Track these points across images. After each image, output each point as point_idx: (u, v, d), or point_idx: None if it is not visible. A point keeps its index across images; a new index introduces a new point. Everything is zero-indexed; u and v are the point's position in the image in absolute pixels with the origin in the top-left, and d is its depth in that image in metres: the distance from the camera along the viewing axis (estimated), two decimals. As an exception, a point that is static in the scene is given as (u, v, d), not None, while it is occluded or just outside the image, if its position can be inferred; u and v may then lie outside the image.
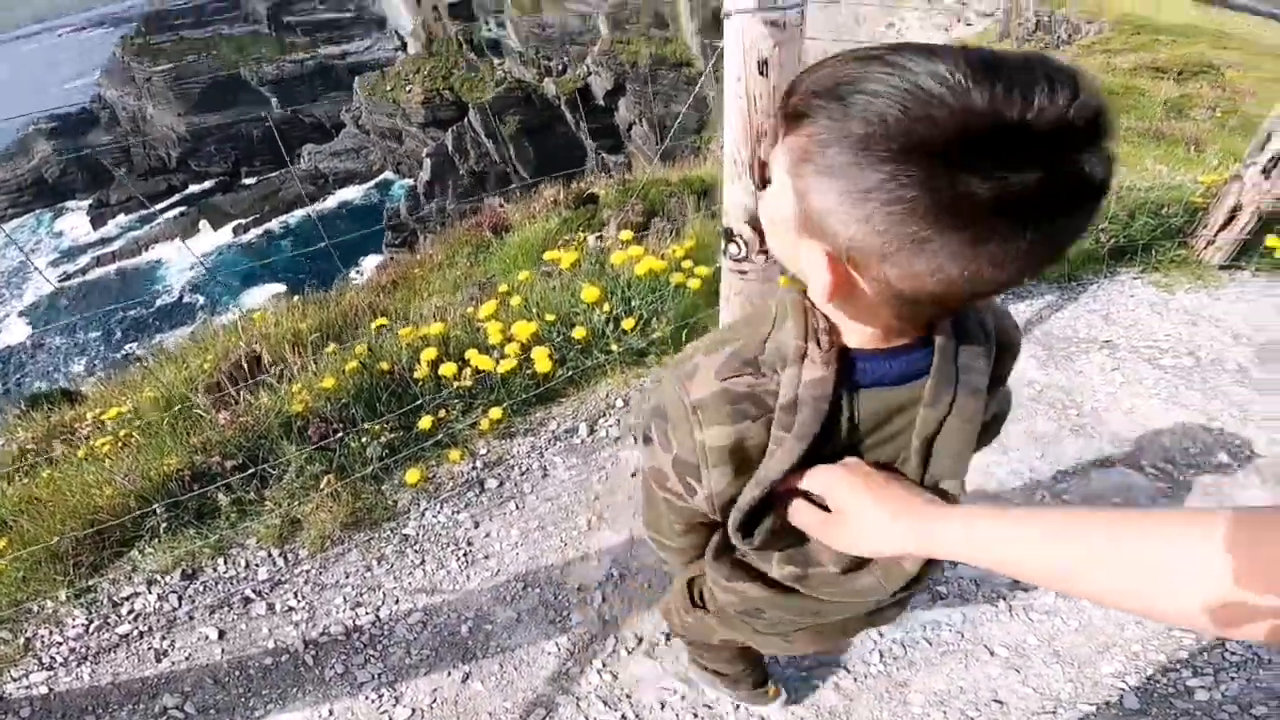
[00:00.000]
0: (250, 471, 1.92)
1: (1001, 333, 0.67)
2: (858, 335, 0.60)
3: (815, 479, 0.63)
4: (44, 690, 1.65)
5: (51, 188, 45.27)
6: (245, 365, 2.39)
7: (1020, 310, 2.63)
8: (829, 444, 0.61)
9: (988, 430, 0.74)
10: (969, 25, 19.56)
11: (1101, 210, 0.48)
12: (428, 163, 36.76)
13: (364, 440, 1.95)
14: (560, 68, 39.02)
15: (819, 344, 0.59)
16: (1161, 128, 6.79)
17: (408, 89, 41.69)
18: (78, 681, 1.66)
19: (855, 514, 0.61)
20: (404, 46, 48.46)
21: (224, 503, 1.89)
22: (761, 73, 1.58)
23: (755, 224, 1.80)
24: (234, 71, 47.71)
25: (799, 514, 0.65)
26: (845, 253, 0.50)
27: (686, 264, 2.25)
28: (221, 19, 51.35)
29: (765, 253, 1.84)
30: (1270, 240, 2.96)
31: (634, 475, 1.92)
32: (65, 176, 45.20)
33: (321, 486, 1.87)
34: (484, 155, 36.64)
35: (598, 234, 3.13)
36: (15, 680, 1.67)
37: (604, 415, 2.07)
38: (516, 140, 36.14)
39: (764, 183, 0.57)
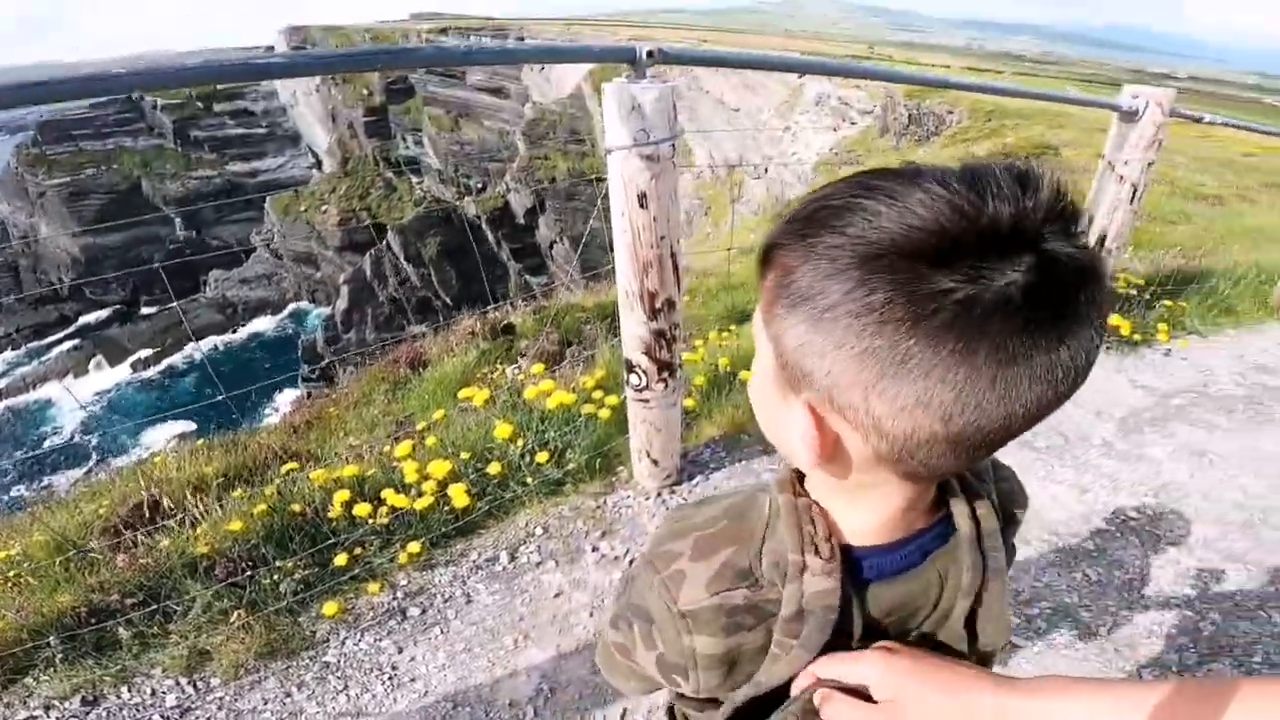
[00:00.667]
0: (152, 608, 1.86)
1: (1008, 498, 0.64)
2: (860, 521, 0.54)
3: (852, 668, 0.54)
4: None
5: None
6: (145, 510, 2.33)
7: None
8: (839, 646, 0.55)
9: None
10: (853, 124, 21.83)
11: (1105, 317, 0.43)
12: (345, 290, 35.96)
13: (276, 578, 1.92)
14: (480, 185, 39.43)
15: (818, 553, 0.53)
16: None
17: (323, 209, 40.99)
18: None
19: (913, 703, 0.52)
20: (319, 164, 47.93)
21: (124, 636, 1.80)
22: (642, 205, 1.68)
23: (651, 354, 1.91)
24: (135, 187, 45.62)
25: (839, 711, 0.54)
26: (827, 393, 0.44)
27: (597, 394, 2.39)
28: (124, 131, 48.66)
29: (664, 382, 2.00)
30: (1114, 319, 3.37)
31: (557, 596, 1.97)
32: None
33: (231, 620, 1.82)
34: (404, 280, 36.17)
35: (516, 364, 3.29)
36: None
37: (524, 543, 2.12)
38: (438, 263, 35.79)
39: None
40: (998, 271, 0.39)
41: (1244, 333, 3.86)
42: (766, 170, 23.26)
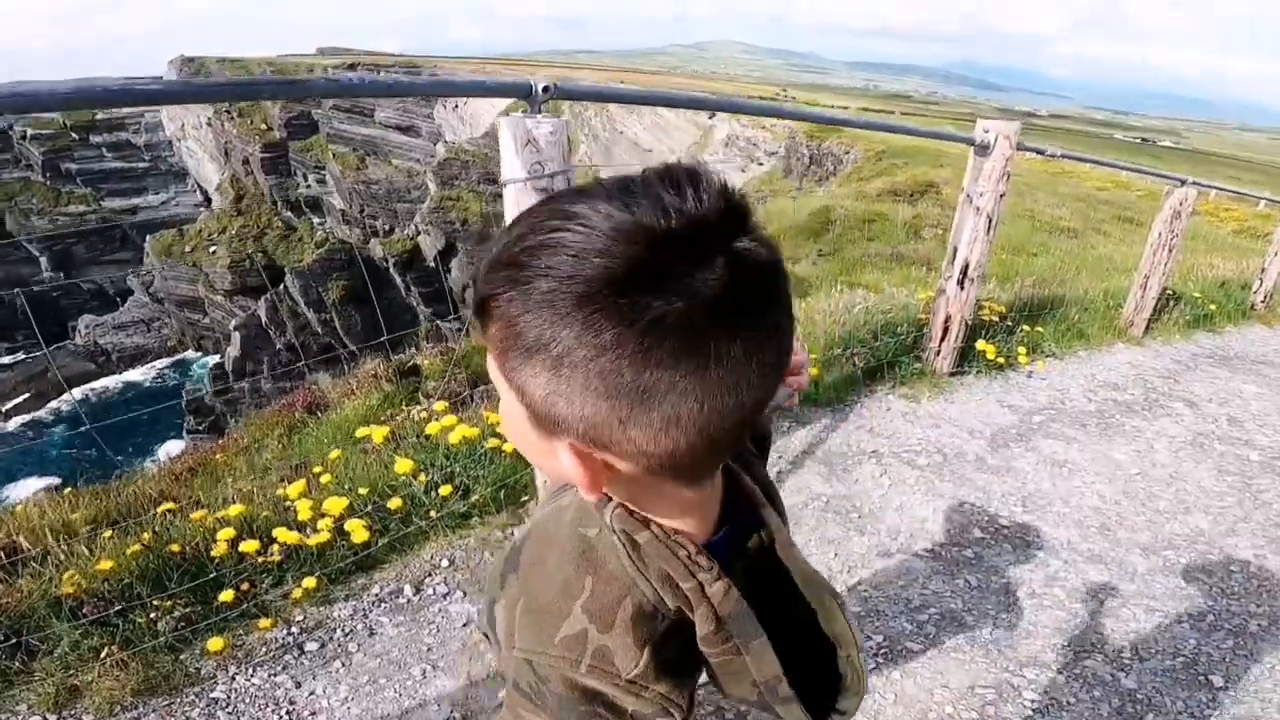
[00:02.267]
0: (13, 643, 1.70)
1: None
2: (684, 521, 0.55)
3: None
4: None
5: None
6: (0, 553, 2.12)
7: (802, 435, 3.01)
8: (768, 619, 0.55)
9: None
10: (760, 165, 22.91)
11: (790, 295, 0.47)
12: (236, 337, 33.77)
13: (152, 615, 1.81)
14: (388, 227, 37.96)
15: (700, 567, 0.53)
16: (902, 250, 7.92)
17: (212, 250, 38.50)
18: None
19: None
20: (208, 202, 45.02)
21: None
22: None
23: None
24: None
25: None
26: (586, 434, 0.45)
27: (502, 429, 2.41)
28: None
29: None
30: (981, 345, 3.70)
31: (465, 625, 1.94)
32: None
33: (103, 657, 1.69)
34: (304, 326, 34.33)
35: (421, 405, 3.23)
36: None
37: (429, 575, 2.08)
38: (341, 308, 34.35)
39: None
40: (700, 281, 0.40)
41: (1095, 354, 4.34)
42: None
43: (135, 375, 38.40)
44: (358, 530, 2.04)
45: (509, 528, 2.26)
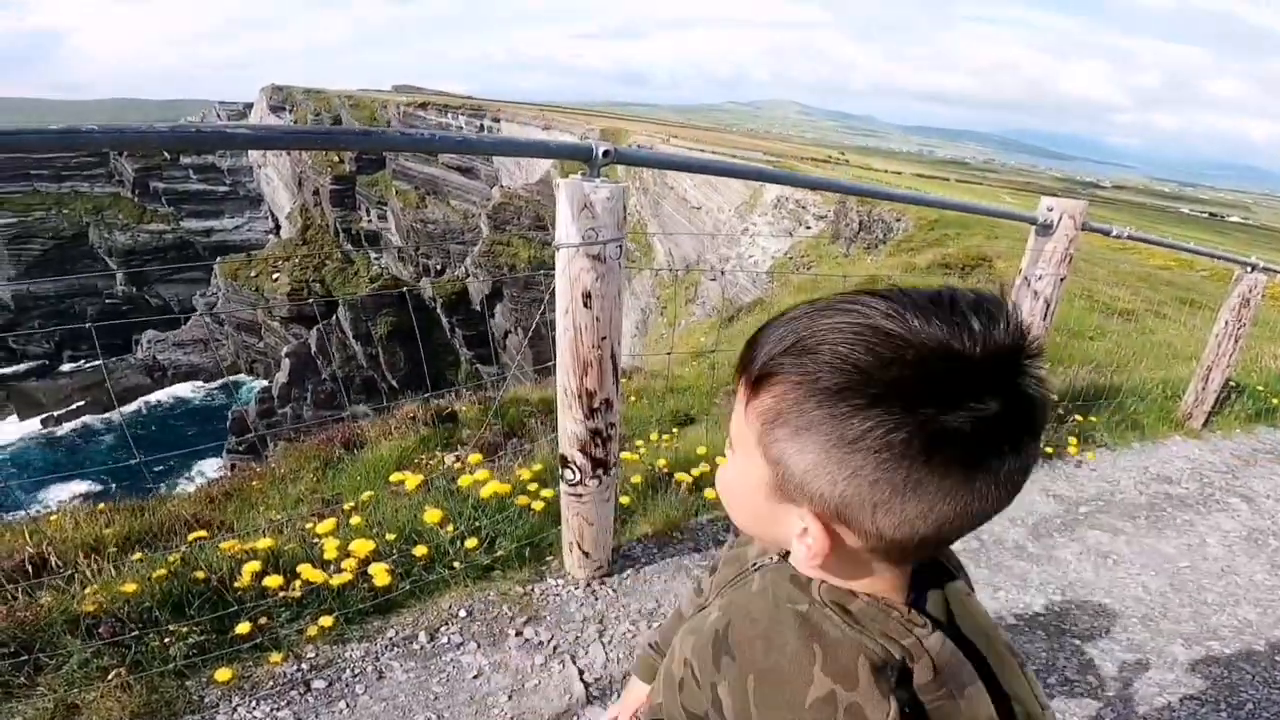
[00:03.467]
0: (22, 659, 1.71)
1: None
2: (887, 588, 0.58)
3: None
4: None
5: None
6: (29, 566, 2.17)
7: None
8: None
9: None
10: (808, 228, 22.78)
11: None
12: (286, 363, 34.54)
13: (166, 640, 1.80)
14: (439, 266, 38.51)
15: (918, 625, 0.56)
16: None
17: (274, 277, 39.78)
18: None
19: None
20: (277, 229, 46.65)
21: None
22: (586, 305, 1.69)
23: (586, 451, 1.92)
24: (81, 234, 43.45)
25: None
26: (835, 510, 0.50)
27: (533, 486, 2.39)
28: (82, 175, 47.03)
29: (598, 478, 2.02)
30: None
31: (475, 678, 1.90)
32: None
33: (109, 678, 1.69)
34: (350, 358, 34.97)
35: (455, 452, 3.25)
36: None
37: (446, 624, 2.05)
38: (388, 343, 34.71)
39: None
40: (988, 406, 0.46)
41: (1149, 445, 4.14)
42: (723, 272, 24.12)
43: (186, 391, 39.64)
44: (380, 574, 2.04)
45: (530, 584, 2.23)
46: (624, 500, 2.58)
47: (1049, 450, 3.64)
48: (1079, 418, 4.01)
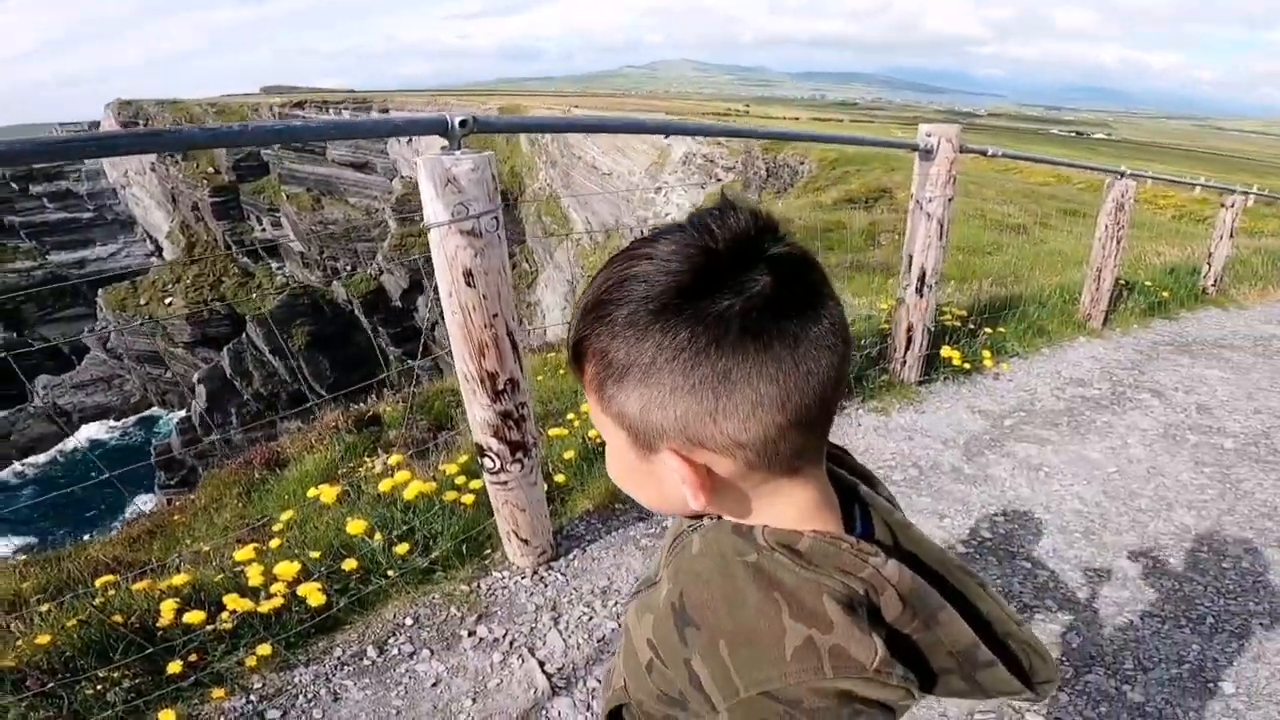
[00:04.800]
0: None
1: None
2: (826, 520, 0.57)
3: None
4: None
5: None
6: None
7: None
8: None
9: None
10: (719, 180, 22.98)
11: (830, 282, 0.54)
12: (201, 390, 32.74)
13: (101, 687, 1.70)
14: (349, 267, 37.14)
15: (871, 554, 0.55)
16: (860, 258, 7.70)
17: (167, 302, 37.46)
18: None
19: None
20: (159, 251, 43.76)
21: None
22: (469, 283, 1.61)
23: (501, 436, 1.84)
24: None
25: None
26: (684, 435, 0.51)
27: (460, 480, 2.31)
28: None
29: (520, 462, 1.90)
30: (945, 351, 3.68)
31: (435, 685, 1.84)
32: None
33: None
34: (271, 375, 33.39)
35: (384, 457, 3.12)
36: None
37: (393, 635, 1.97)
38: (308, 353, 33.62)
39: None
40: (749, 280, 0.49)
41: (1057, 349, 4.38)
42: (643, 232, 23.99)
43: (99, 433, 37.14)
44: (313, 593, 1.94)
45: (475, 580, 2.16)
46: (559, 479, 2.52)
47: (967, 366, 3.78)
48: (989, 330, 4.19)
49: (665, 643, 0.60)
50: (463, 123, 1.49)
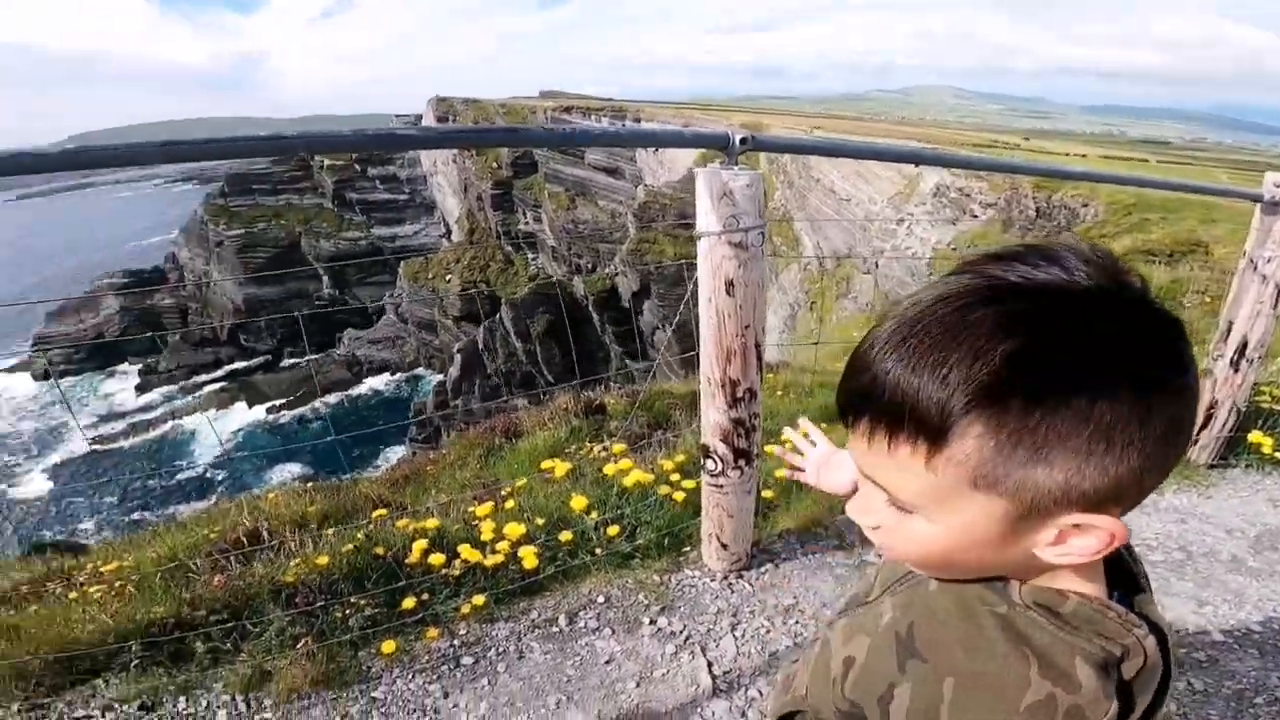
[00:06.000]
0: (231, 625, 1.98)
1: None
2: (1095, 588, 0.57)
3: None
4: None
5: (108, 347, 46.23)
6: (245, 539, 2.53)
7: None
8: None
9: None
10: (974, 217, 20.82)
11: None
12: (458, 359, 37.40)
13: (347, 612, 2.03)
14: (590, 265, 39.83)
15: (1135, 626, 0.55)
16: None
17: (447, 278, 43.21)
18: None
19: None
20: (449, 233, 50.48)
21: (199, 650, 1.93)
22: (729, 293, 1.69)
23: (729, 441, 1.90)
24: (295, 244, 49.28)
25: None
26: (1106, 497, 0.49)
27: (675, 477, 2.43)
28: (293, 188, 53.53)
29: (740, 469, 2.00)
30: (1254, 436, 3.05)
31: (608, 663, 1.96)
32: (124, 336, 45.75)
33: (298, 646, 1.92)
34: (512, 355, 37.02)
35: (603, 443, 3.36)
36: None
37: (585, 609, 2.14)
38: (544, 341, 36.48)
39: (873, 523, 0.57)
40: (1147, 335, 0.49)
41: None
42: (877, 264, 22.77)
43: (380, 384, 44.58)
44: (529, 556, 2.16)
45: (667, 574, 2.25)
46: (767, 494, 2.53)
47: (1278, 456, 3.09)
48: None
49: (875, 665, 0.61)
50: (743, 140, 1.59)
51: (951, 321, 0.48)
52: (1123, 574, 0.62)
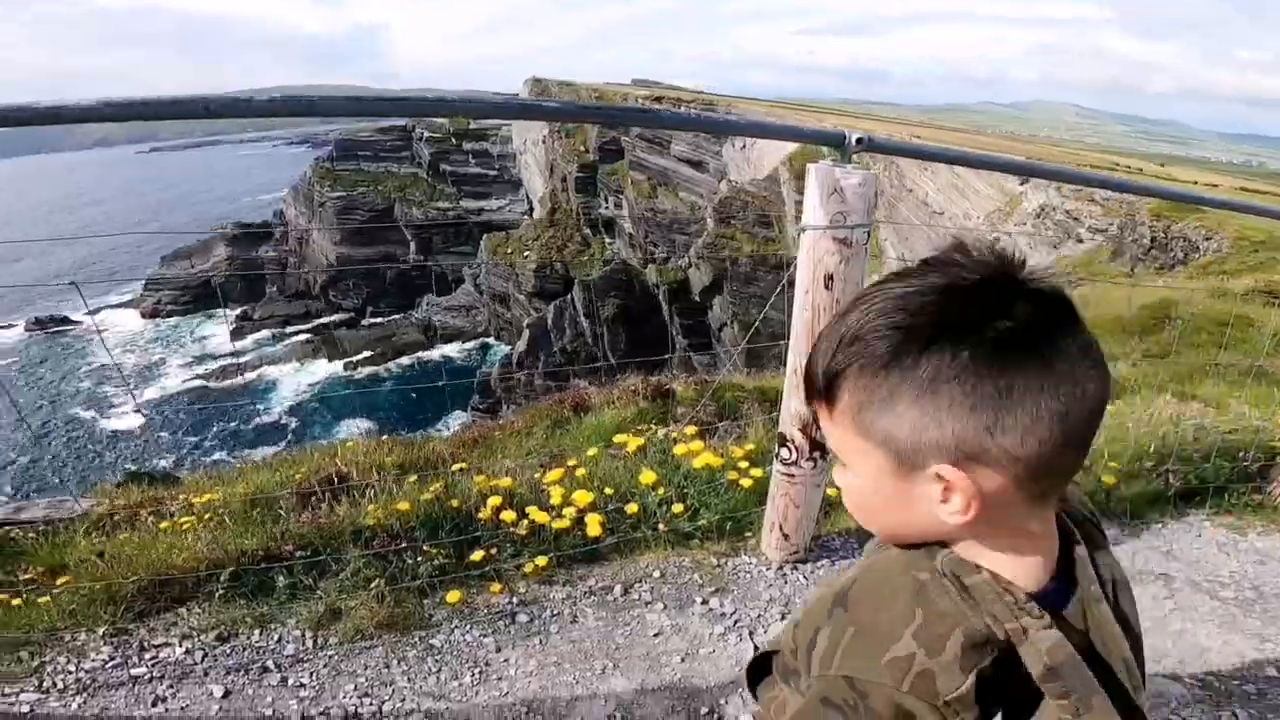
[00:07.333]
0: (314, 560, 2.10)
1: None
2: (1018, 571, 0.60)
3: None
4: (25, 710, 1.70)
5: (211, 293, 50.05)
6: (334, 479, 2.69)
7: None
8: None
9: None
10: (1080, 242, 19.55)
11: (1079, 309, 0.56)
12: (526, 334, 38.13)
13: (419, 558, 2.15)
14: (665, 255, 39.76)
15: (1029, 614, 0.57)
16: (1266, 365, 6.23)
17: (525, 255, 43.98)
18: (63, 709, 1.71)
19: None
20: (530, 211, 51.33)
21: (280, 584, 2.06)
22: (827, 287, 1.73)
23: (807, 431, 1.94)
24: (389, 209, 51.72)
25: None
26: (958, 449, 0.54)
27: (743, 464, 2.46)
28: (394, 156, 56.21)
29: (814, 460, 2.01)
30: None
31: (656, 635, 2.02)
32: (227, 284, 49.42)
33: (370, 588, 2.03)
34: (579, 335, 37.48)
35: (669, 427, 3.41)
36: (3, 697, 1.73)
37: (640, 581, 2.20)
38: (612, 325, 36.79)
39: (812, 459, 0.70)
40: (1019, 308, 0.54)
41: None
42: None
43: (451, 351, 46.05)
44: (594, 524, 2.24)
45: (725, 557, 2.29)
46: (831, 492, 2.53)
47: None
48: None
49: (817, 610, 0.68)
50: (858, 140, 1.63)
51: (845, 310, 0.60)
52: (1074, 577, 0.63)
